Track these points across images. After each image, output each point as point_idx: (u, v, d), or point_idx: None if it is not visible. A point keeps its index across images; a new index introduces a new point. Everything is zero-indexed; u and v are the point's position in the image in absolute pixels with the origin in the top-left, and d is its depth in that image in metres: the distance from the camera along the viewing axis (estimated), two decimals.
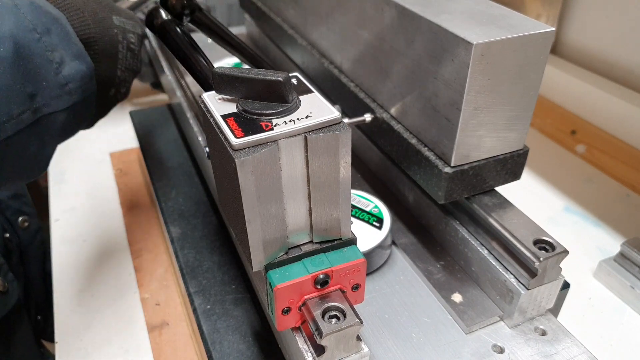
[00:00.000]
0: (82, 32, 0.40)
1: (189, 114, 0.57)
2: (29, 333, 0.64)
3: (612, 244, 0.60)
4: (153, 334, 0.50)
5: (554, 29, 0.36)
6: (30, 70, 0.35)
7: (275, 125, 0.28)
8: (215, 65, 0.38)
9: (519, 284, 0.39)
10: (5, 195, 0.63)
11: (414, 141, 0.43)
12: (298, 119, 0.29)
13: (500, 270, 0.40)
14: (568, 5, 0.84)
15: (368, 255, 0.45)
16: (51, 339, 0.71)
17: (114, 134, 0.82)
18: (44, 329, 0.71)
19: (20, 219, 0.64)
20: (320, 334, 0.30)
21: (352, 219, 0.47)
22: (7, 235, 0.62)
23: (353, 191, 0.50)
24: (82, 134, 0.81)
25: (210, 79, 0.36)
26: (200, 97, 0.33)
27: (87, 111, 0.41)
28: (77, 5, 0.40)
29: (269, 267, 0.31)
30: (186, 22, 0.48)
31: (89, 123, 0.45)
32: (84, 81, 0.38)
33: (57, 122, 0.38)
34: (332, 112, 0.30)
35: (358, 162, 0.60)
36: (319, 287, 0.31)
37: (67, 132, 0.41)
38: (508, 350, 0.39)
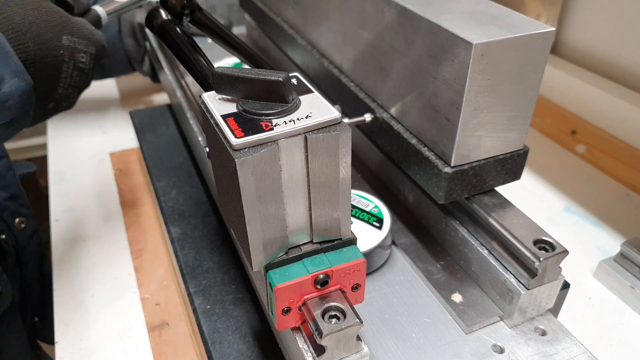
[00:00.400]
0: (21, 53, 0.41)
1: (189, 114, 0.57)
2: (23, 336, 0.64)
3: (612, 244, 0.60)
4: (153, 334, 0.50)
5: (554, 29, 0.36)
6: None
7: (275, 125, 0.28)
8: (215, 65, 0.38)
9: (519, 284, 0.39)
10: (2, 196, 0.63)
11: (414, 141, 0.43)
12: (298, 119, 0.29)
13: (500, 270, 0.40)
14: (568, 5, 0.84)
15: (368, 255, 0.45)
16: (48, 340, 0.71)
17: (114, 134, 0.82)
18: (41, 330, 0.71)
19: (16, 220, 0.64)
20: (320, 334, 0.30)
21: (352, 219, 0.47)
22: (3, 236, 0.62)
23: (353, 191, 0.51)
24: (82, 134, 0.81)
25: (210, 79, 0.36)
26: (200, 97, 0.33)
27: (25, 122, 0.43)
28: (19, 27, 0.41)
29: (269, 267, 0.31)
30: (186, 22, 0.48)
31: (27, 126, 0.47)
32: (23, 97, 0.40)
33: None
34: (332, 112, 0.30)
35: (358, 162, 0.60)
36: (319, 287, 0.31)
37: (3, 140, 0.42)
38: (508, 350, 0.39)
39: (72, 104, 0.49)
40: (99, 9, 0.51)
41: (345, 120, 0.47)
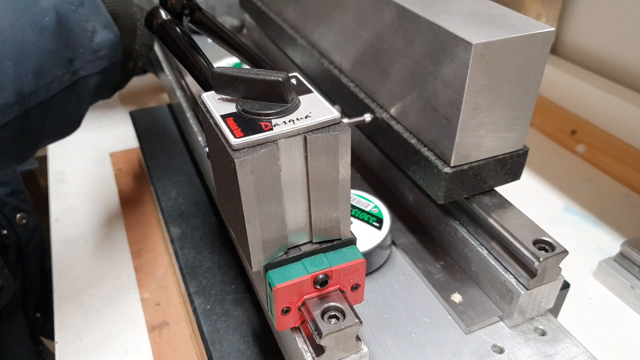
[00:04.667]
0: (108, 8, 0.45)
1: (189, 114, 0.57)
2: (25, 330, 0.64)
3: (612, 244, 0.60)
4: (153, 334, 0.50)
5: (554, 29, 0.36)
6: (69, 38, 0.41)
7: (274, 125, 0.28)
8: (215, 65, 0.38)
9: (519, 284, 0.39)
10: (3, 192, 0.63)
11: (413, 141, 0.43)
12: (297, 119, 0.29)
13: (500, 270, 0.40)
14: (568, 5, 0.84)
15: (368, 255, 0.45)
16: (50, 336, 0.71)
17: (114, 134, 0.82)
18: (44, 326, 0.71)
19: (18, 215, 0.65)
20: (320, 334, 0.30)
21: (352, 219, 0.47)
22: (5, 232, 0.63)
23: (353, 191, 0.51)
24: (82, 134, 0.81)
25: (209, 79, 0.36)
26: (200, 97, 0.33)
27: (114, 77, 0.47)
28: None
29: (269, 267, 0.31)
30: (186, 22, 0.48)
31: (110, 92, 0.51)
32: (112, 48, 0.44)
33: (90, 84, 0.44)
34: (331, 112, 0.30)
35: (358, 162, 0.60)
36: (318, 287, 0.31)
37: (97, 94, 0.46)
38: (508, 350, 0.39)
39: (144, 64, 0.53)
40: None
41: (345, 120, 0.47)
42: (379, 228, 0.46)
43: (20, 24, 0.38)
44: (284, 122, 0.29)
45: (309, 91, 0.32)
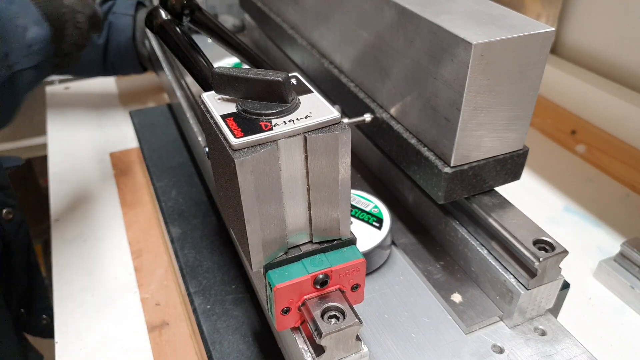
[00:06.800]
0: (37, 6, 0.47)
1: (189, 114, 0.57)
2: (9, 325, 0.64)
3: (612, 244, 0.60)
4: (153, 334, 0.50)
5: (554, 29, 0.36)
6: (1, 34, 0.43)
7: (274, 125, 0.28)
8: (215, 65, 0.38)
9: (519, 284, 0.39)
10: None
11: (413, 141, 0.43)
12: (297, 119, 0.29)
13: (500, 270, 0.40)
14: (568, 5, 0.84)
15: (368, 255, 0.45)
16: (34, 332, 0.71)
17: (114, 134, 0.82)
18: (27, 322, 0.71)
19: (4, 210, 0.65)
20: (320, 334, 0.30)
21: (352, 219, 0.47)
22: None
23: (353, 191, 0.51)
24: (82, 134, 0.81)
25: (209, 79, 0.36)
26: (200, 97, 0.33)
27: (46, 71, 0.50)
28: None
29: (269, 267, 0.31)
30: (186, 22, 0.48)
31: (42, 78, 0.54)
32: (45, 43, 0.47)
33: (25, 78, 0.47)
34: (331, 112, 0.30)
35: (358, 162, 0.60)
36: (318, 287, 0.31)
37: (31, 87, 0.49)
38: (508, 350, 0.39)
39: (72, 61, 0.55)
40: None
41: (345, 120, 0.47)
42: (379, 228, 0.46)
43: None
44: (284, 122, 0.29)
45: (309, 91, 0.32)
